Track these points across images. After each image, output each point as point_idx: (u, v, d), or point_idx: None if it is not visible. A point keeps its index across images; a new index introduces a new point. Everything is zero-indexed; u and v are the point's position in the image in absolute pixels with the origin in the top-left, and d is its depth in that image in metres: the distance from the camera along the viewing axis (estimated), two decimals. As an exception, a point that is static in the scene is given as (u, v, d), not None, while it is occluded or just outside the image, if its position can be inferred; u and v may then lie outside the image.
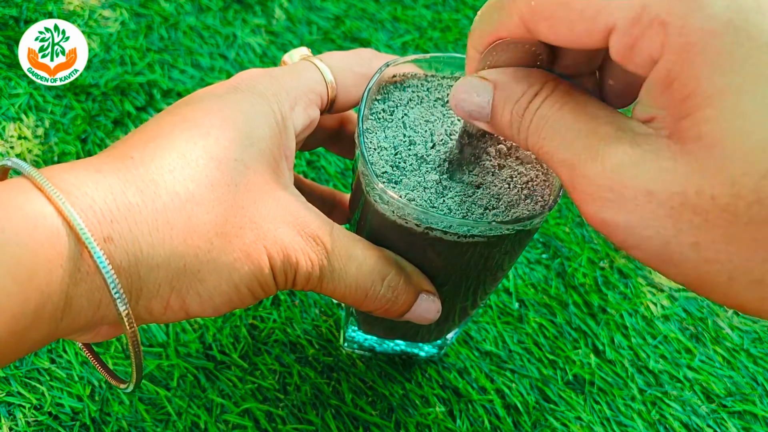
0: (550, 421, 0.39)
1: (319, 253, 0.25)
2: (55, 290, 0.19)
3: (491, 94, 0.22)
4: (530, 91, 0.21)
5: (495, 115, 0.22)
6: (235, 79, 0.26)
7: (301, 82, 0.27)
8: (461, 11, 0.62)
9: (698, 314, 0.45)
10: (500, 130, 0.23)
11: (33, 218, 0.19)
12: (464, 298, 0.31)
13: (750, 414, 0.41)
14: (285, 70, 0.28)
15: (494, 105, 0.22)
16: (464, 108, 0.23)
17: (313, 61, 0.28)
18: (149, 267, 0.21)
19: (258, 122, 0.25)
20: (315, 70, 0.28)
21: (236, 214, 0.23)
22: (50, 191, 0.20)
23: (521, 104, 0.21)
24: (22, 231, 0.19)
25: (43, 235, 0.19)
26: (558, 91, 0.21)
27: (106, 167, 0.22)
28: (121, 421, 0.36)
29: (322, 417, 0.38)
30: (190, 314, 0.23)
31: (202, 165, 0.23)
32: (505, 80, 0.22)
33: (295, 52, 0.30)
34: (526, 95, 0.21)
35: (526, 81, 0.21)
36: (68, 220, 0.19)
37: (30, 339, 0.20)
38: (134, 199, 0.21)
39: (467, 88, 0.23)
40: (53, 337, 0.21)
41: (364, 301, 0.27)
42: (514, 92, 0.22)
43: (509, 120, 0.22)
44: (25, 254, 0.19)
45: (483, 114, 0.23)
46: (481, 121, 0.23)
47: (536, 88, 0.21)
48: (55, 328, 0.20)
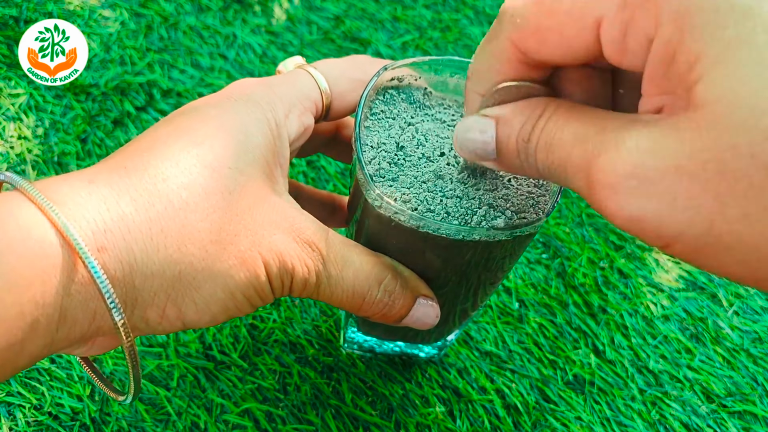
0: (550, 421, 0.39)
1: (315, 259, 0.25)
2: (50, 301, 0.19)
3: (494, 129, 0.21)
4: (533, 115, 0.20)
5: (501, 148, 0.21)
6: (229, 89, 0.27)
7: (295, 90, 0.27)
8: (461, 11, 0.62)
9: (698, 314, 0.45)
10: (508, 163, 0.22)
11: (26, 230, 0.19)
12: (464, 301, 0.31)
13: (750, 414, 0.41)
14: (279, 78, 0.28)
15: (498, 139, 0.21)
16: (469, 147, 0.22)
17: (308, 69, 0.29)
18: (144, 276, 0.21)
19: (252, 130, 0.25)
20: (309, 78, 0.28)
21: (231, 222, 0.23)
22: (43, 203, 0.20)
23: (526, 129, 0.21)
24: (16, 243, 0.19)
25: (36, 246, 0.19)
26: (562, 107, 0.20)
27: (99, 178, 0.22)
28: (121, 421, 0.36)
29: (322, 417, 0.38)
30: (187, 323, 0.23)
31: (196, 173, 0.23)
32: (506, 113, 0.21)
33: (290, 61, 0.31)
34: (530, 119, 0.20)
35: (528, 108, 0.21)
36: (61, 231, 0.19)
37: (27, 352, 0.20)
38: (127, 209, 0.21)
39: (470, 127, 0.22)
40: (51, 349, 0.21)
41: (362, 306, 0.27)
42: (517, 122, 0.21)
43: (516, 149, 0.21)
44: (19, 266, 0.19)
45: (488, 151, 0.22)
46: (488, 160, 0.22)
47: (539, 111, 0.20)
48: (51, 340, 0.20)
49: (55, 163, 0.46)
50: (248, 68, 0.54)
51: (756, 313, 0.46)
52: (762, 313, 0.46)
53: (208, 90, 0.52)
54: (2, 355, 0.19)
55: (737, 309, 0.46)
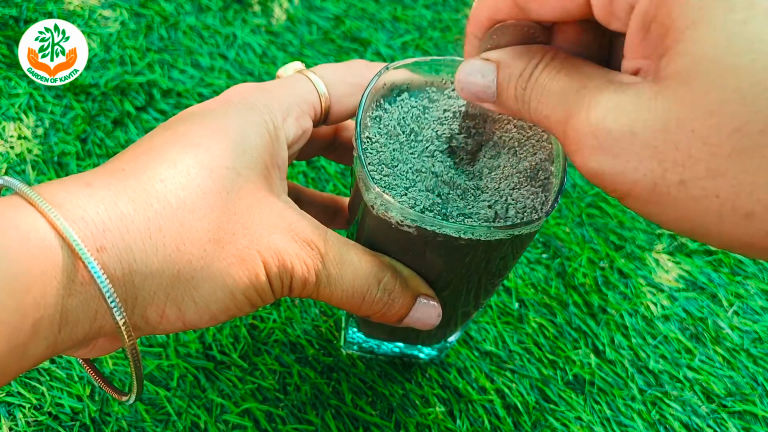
0: (550, 421, 0.39)
1: (315, 258, 0.25)
2: (51, 302, 0.19)
3: (495, 74, 0.23)
4: (531, 64, 0.22)
5: (500, 92, 0.23)
6: (227, 94, 0.27)
7: (293, 93, 0.28)
8: (461, 11, 0.62)
9: (698, 314, 0.45)
10: (506, 106, 0.23)
11: (26, 232, 0.19)
12: (465, 302, 0.31)
13: (750, 414, 0.41)
14: (277, 83, 0.28)
15: (499, 83, 0.23)
16: (470, 90, 0.23)
17: (306, 74, 0.29)
18: (143, 275, 0.21)
19: (249, 132, 0.25)
20: (307, 82, 0.28)
21: (229, 221, 0.23)
22: (42, 205, 0.20)
23: (524, 77, 0.22)
24: (16, 245, 0.19)
25: (36, 248, 0.19)
26: (556, 59, 0.21)
27: (97, 181, 0.22)
28: (121, 421, 0.36)
29: (322, 417, 0.38)
30: (187, 323, 0.23)
31: (194, 174, 0.23)
32: (507, 58, 0.22)
33: (290, 66, 0.31)
34: (528, 68, 0.22)
35: (527, 56, 0.22)
36: (61, 232, 0.20)
37: (31, 353, 0.20)
38: (126, 209, 0.21)
39: (471, 71, 0.23)
40: (54, 351, 0.21)
41: (361, 305, 0.27)
42: (516, 68, 0.22)
43: (514, 95, 0.22)
44: (20, 268, 0.19)
45: (489, 94, 0.23)
46: (488, 102, 0.23)
47: (536, 60, 0.22)
48: (54, 341, 0.20)
49: (55, 163, 0.46)
50: (248, 68, 0.54)
51: (756, 313, 0.46)
52: (762, 313, 0.46)
53: (208, 90, 0.52)
54: (6, 357, 0.19)
55: (737, 309, 0.46)
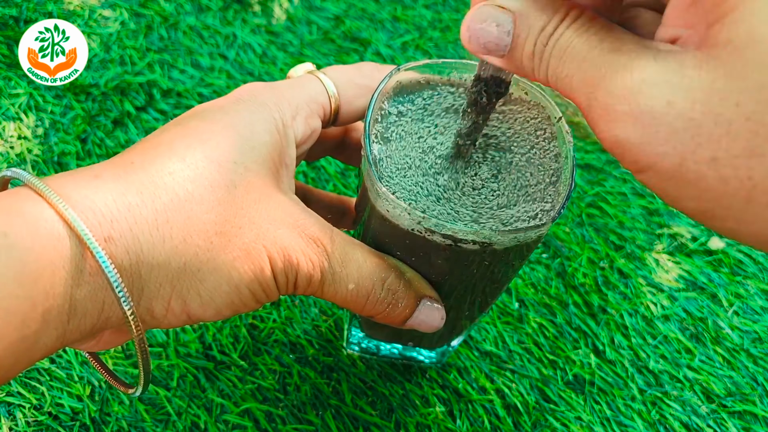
0: (550, 421, 0.39)
1: (320, 255, 0.25)
2: (60, 292, 0.20)
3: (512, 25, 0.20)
4: (556, 18, 0.19)
5: (515, 47, 0.20)
6: (238, 91, 0.27)
7: (303, 93, 0.28)
8: (461, 11, 0.62)
9: (698, 314, 0.45)
10: (518, 63, 0.21)
11: (35, 222, 0.19)
12: (470, 306, 0.31)
13: (750, 414, 0.41)
14: (287, 82, 0.28)
15: (516, 35, 0.20)
16: (479, 40, 0.21)
17: (317, 75, 0.29)
18: (150, 266, 0.22)
19: (259, 129, 0.25)
20: (317, 82, 0.28)
21: (236, 215, 0.23)
22: (50, 196, 0.20)
23: (546, 32, 0.20)
24: (25, 235, 0.19)
25: (45, 238, 0.19)
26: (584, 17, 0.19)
27: (106, 173, 0.22)
28: (121, 421, 0.36)
29: (322, 417, 0.38)
30: (192, 317, 0.24)
31: (202, 167, 0.23)
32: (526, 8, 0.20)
33: (300, 67, 0.31)
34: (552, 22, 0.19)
35: (551, 8, 0.20)
36: (69, 222, 0.20)
37: (41, 344, 0.20)
38: (134, 200, 0.21)
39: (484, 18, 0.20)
40: (63, 342, 0.21)
41: (365, 305, 0.27)
42: (538, 20, 0.20)
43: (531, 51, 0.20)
44: (29, 258, 0.19)
45: (500, 46, 0.20)
46: (497, 55, 0.21)
47: (561, 15, 0.20)
48: (63, 332, 0.20)
49: (55, 163, 0.46)
50: (248, 68, 0.54)
51: (756, 313, 0.46)
52: (762, 313, 0.46)
53: (208, 90, 0.52)
54: (17, 347, 0.19)
55: (737, 309, 0.46)
